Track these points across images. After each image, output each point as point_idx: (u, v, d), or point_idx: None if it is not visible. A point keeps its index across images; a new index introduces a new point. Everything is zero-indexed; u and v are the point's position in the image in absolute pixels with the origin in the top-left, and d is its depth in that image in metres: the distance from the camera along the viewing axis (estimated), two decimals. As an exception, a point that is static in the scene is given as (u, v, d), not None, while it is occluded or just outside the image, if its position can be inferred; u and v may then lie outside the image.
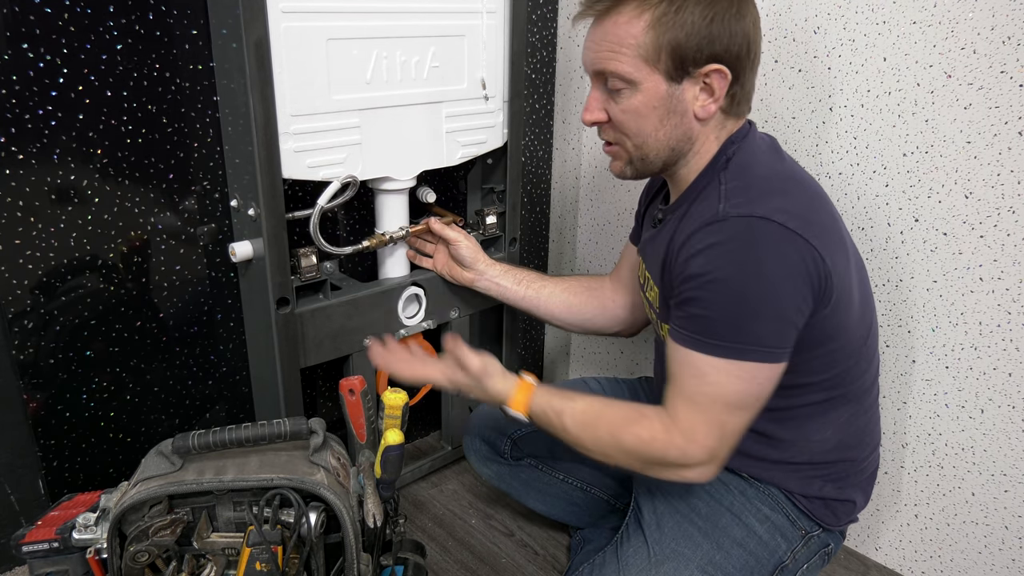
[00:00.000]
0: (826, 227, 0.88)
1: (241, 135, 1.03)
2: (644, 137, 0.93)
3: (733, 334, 0.84)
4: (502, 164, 1.35)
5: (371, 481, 0.98)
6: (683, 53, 0.86)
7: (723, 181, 0.89)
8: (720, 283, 0.83)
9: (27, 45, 0.96)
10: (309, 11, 1.01)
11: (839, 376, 0.96)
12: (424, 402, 1.48)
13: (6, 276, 1.02)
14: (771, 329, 0.84)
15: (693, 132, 0.92)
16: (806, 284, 0.83)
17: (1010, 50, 0.98)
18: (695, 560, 0.96)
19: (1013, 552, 1.15)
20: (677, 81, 0.89)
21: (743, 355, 0.84)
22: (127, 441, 1.21)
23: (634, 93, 0.90)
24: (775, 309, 0.83)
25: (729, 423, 0.88)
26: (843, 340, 0.92)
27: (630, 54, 0.88)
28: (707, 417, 0.87)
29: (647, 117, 0.91)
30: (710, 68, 0.87)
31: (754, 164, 0.91)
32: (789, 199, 0.85)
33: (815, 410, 0.97)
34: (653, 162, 0.96)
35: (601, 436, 0.94)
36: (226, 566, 0.95)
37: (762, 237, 0.82)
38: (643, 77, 0.89)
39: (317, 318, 1.16)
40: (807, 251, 0.82)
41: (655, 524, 1.02)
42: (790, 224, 0.82)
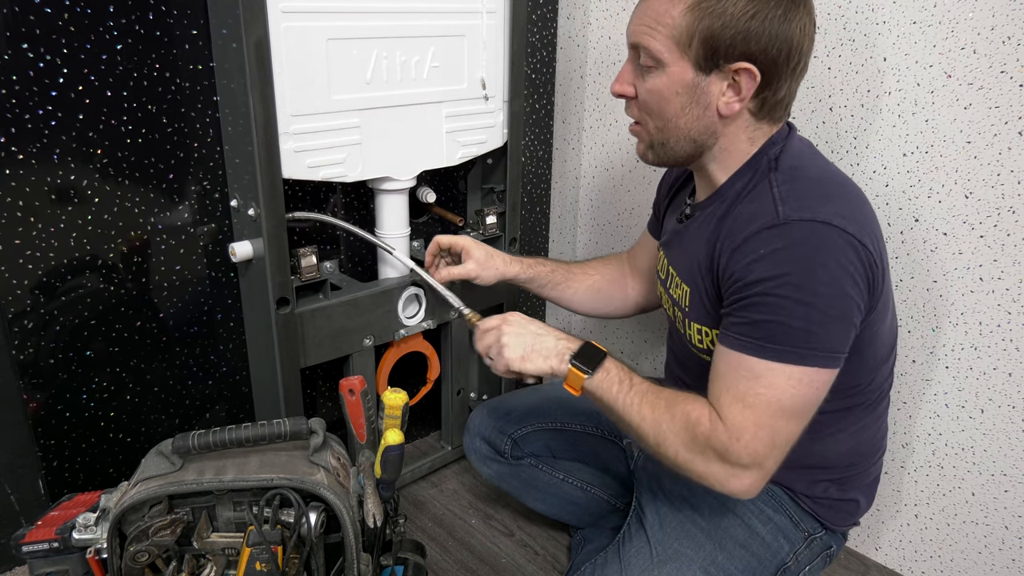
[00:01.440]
0: (876, 232, 0.87)
1: (241, 135, 1.03)
2: (664, 121, 0.91)
3: (803, 340, 0.81)
4: (502, 164, 1.35)
5: (371, 481, 0.98)
6: (716, 44, 0.84)
7: (775, 183, 0.87)
8: (790, 288, 0.80)
9: (27, 45, 0.96)
10: (309, 11, 1.01)
11: (862, 385, 0.95)
12: (424, 402, 1.48)
13: (6, 276, 1.02)
14: (838, 332, 0.82)
15: (716, 127, 0.91)
16: (866, 288, 0.83)
17: (1010, 50, 0.98)
18: (697, 560, 0.96)
19: (1013, 552, 1.15)
20: (705, 72, 0.87)
21: (808, 360, 0.82)
22: (127, 441, 1.21)
23: (660, 74, 0.88)
24: (842, 312, 0.82)
25: (781, 430, 0.84)
26: (875, 347, 0.92)
27: (664, 33, 0.86)
28: (758, 419, 0.83)
29: (669, 101, 0.90)
30: (740, 66, 0.85)
31: (804, 167, 0.89)
32: (844, 204, 0.84)
33: (835, 416, 0.96)
34: (674, 150, 0.94)
35: (659, 404, 0.89)
36: (226, 566, 0.95)
37: (827, 241, 0.81)
38: (672, 59, 0.87)
39: (317, 318, 1.16)
40: (865, 255, 0.82)
41: (658, 524, 1.02)
42: (850, 229, 0.81)
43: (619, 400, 0.91)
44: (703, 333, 0.96)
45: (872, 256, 0.82)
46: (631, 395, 0.91)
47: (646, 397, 0.90)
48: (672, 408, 0.88)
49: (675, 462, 0.88)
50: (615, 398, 0.92)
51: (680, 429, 0.87)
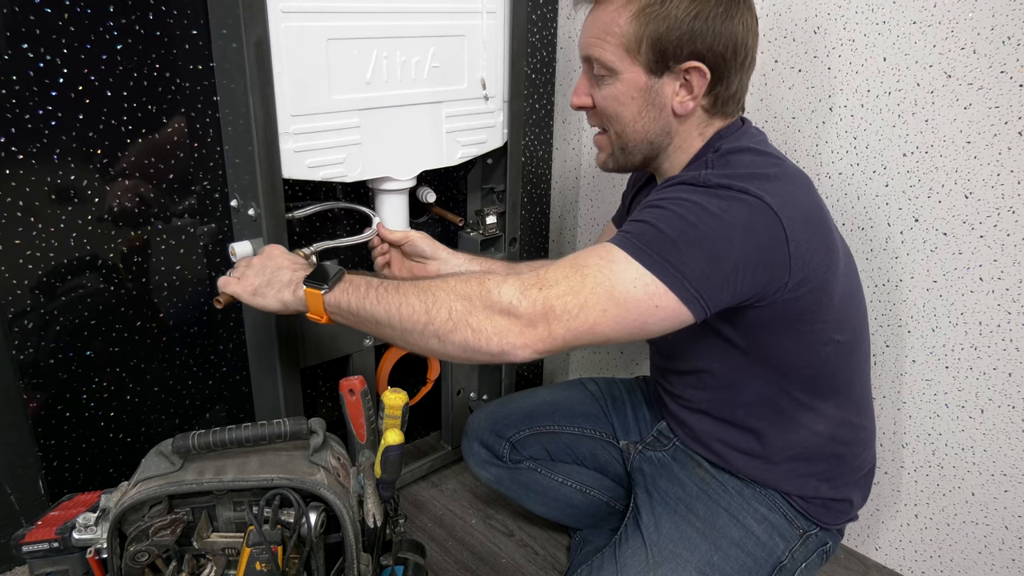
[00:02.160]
0: (807, 215, 0.86)
1: (241, 135, 1.03)
2: (623, 126, 0.95)
3: (667, 249, 0.78)
4: (502, 164, 1.35)
5: (371, 481, 0.98)
6: (664, 47, 0.87)
7: (709, 164, 0.89)
8: (680, 205, 0.80)
9: (27, 45, 0.96)
10: (309, 11, 1.01)
11: (817, 365, 0.95)
12: (424, 402, 1.48)
13: (6, 276, 1.02)
14: (701, 268, 0.78)
15: (671, 127, 0.94)
16: (756, 256, 0.81)
17: (1010, 50, 0.98)
18: (693, 561, 0.96)
19: (1013, 552, 1.15)
20: (657, 74, 0.90)
21: (662, 271, 0.78)
22: (127, 441, 1.21)
23: (615, 82, 0.92)
24: (716, 253, 0.79)
25: (594, 311, 0.77)
26: (816, 325, 0.91)
27: (613, 42, 0.90)
28: (580, 285, 0.77)
29: (626, 106, 0.93)
30: (689, 65, 0.88)
31: (743, 151, 0.90)
32: (772, 182, 0.84)
33: (799, 401, 0.97)
34: (632, 154, 0.97)
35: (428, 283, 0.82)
36: (226, 566, 0.95)
37: (737, 201, 0.80)
38: (624, 67, 0.90)
39: (317, 318, 1.16)
40: (775, 230, 0.81)
41: (653, 526, 1.02)
42: (768, 200, 0.81)
43: (369, 298, 0.84)
44: None
45: (785, 233, 0.81)
46: (384, 287, 0.84)
47: (408, 283, 0.83)
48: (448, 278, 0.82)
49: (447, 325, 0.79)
50: (364, 298, 0.84)
51: (460, 284, 0.80)
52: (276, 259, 0.97)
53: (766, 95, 1.25)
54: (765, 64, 1.24)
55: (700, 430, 1.06)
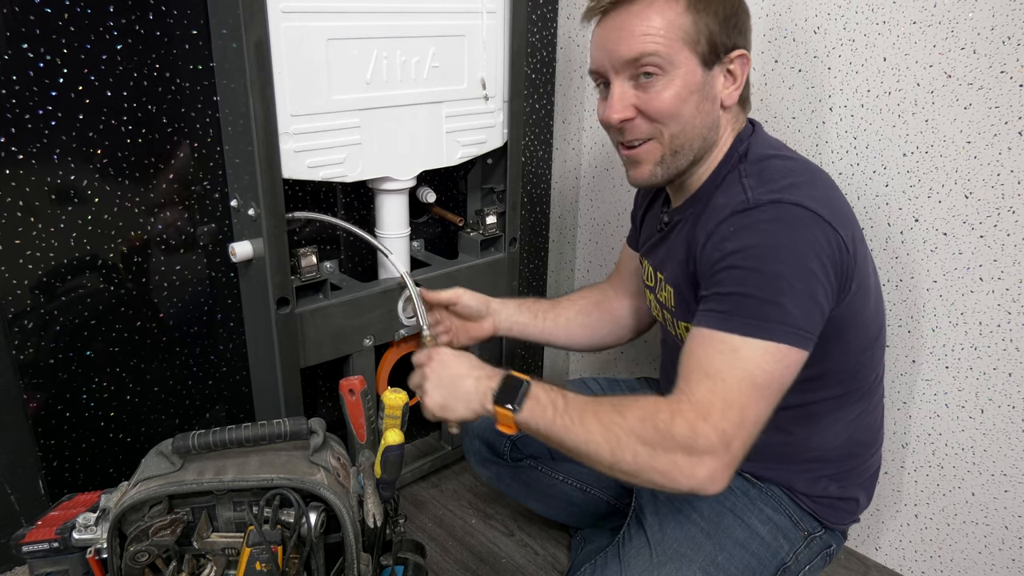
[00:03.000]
0: (848, 216, 0.88)
1: (241, 135, 1.03)
2: (683, 124, 0.90)
3: (768, 311, 0.79)
4: (502, 164, 1.35)
5: (371, 481, 0.98)
6: (716, 38, 0.88)
7: (744, 174, 0.88)
8: (755, 258, 0.81)
9: (27, 45, 0.96)
10: (309, 11, 1.01)
11: (853, 370, 0.96)
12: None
13: (6, 276, 1.02)
14: (803, 309, 0.80)
15: (720, 121, 0.93)
16: (833, 269, 0.83)
17: (1010, 50, 0.98)
18: (697, 561, 0.96)
19: (1013, 552, 1.15)
20: (709, 67, 0.89)
21: (773, 334, 0.79)
22: (127, 441, 1.21)
23: (671, 79, 0.88)
24: (806, 289, 0.80)
25: (750, 409, 0.79)
26: (859, 331, 0.92)
27: (672, 36, 0.86)
28: (727, 395, 0.78)
29: (686, 102, 0.89)
30: (736, 54, 0.90)
31: (771, 156, 0.91)
32: (813, 188, 0.86)
33: (830, 406, 0.97)
34: (686, 155, 0.92)
35: (603, 410, 0.83)
36: (226, 566, 0.95)
37: (795, 220, 0.82)
38: (683, 60, 0.87)
39: (317, 318, 1.16)
40: (834, 237, 0.82)
41: (657, 525, 1.02)
42: (820, 211, 0.82)
43: (557, 423, 0.85)
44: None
45: (842, 239, 0.83)
46: (569, 414, 0.85)
47: (587, 408, 0.84)
48: (622, 408, 0.82)
49: (634, 466, 0.81)
50: (552, 423, 0.85)
51: (636, 425, 0.80)
52: (451, 366, 0.95)
53: (766, 95, 1.25)
54: (765, 64, 1.24)
55: None
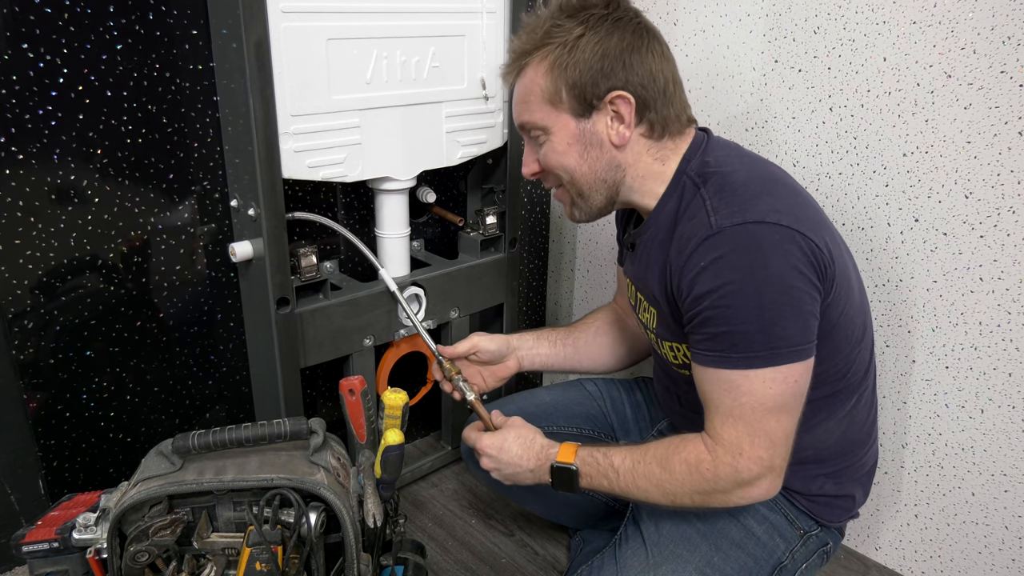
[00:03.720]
0: (817, 219, 0.89)
1: (241, 135, 1.04)
2: (571, 173, 0.95)
3: (761, 342, 0.83)
4: (502, 164, 1.35)
5: (371, 481, 0.98)
6: (581, 89, 0.90)
7: (706, 197, 0.88)
8: (734, 295, 0.82)
9: (27, 45, 0.96)
10: (309, 11, 1.01)
11: (843, 369, 0.96)
12: (424, 402, 1.48)
13: (6, 276, 1.02)
14: (796, 327, 0.83)
15: (618, 160, 0.94)
16: (813, 274, 0.84)
17: (1010, 50, 0.98)
18: (693, 562, 0.96)
19: (1013, 552, 1.15)
20: (586, 116, 0.92)
21: (775, 360, 0.83)
22: (127, 441, 1.21)
23: (550, 136, 0.94)
24: (794, 306, 0.83)
25: (775, 429, 0.86)
26: (845, 329, 0.93)
27: (536, 101, 0.93)
28: (750, 428, 0.86)
29: (566, 155, 0.94)
30: (612, 96, 0.90)
31: (729, 172, 0.90)
32: (775, 199, 0.86)
33: (820, 405, 0.97)
34: (591, 197, 0.97)
35: (654, 472, 0.92)
36: (226, 566, 0.95)
37: (762, 239, 0.82)
38: (552, 120, 0.93)
39: (317, 318, 1.16)
40: (806, 243, 0.83)
41: (653, 526, 1.02)
42: (784, 221, 0.82)
43: (616, 490, 0.96)
44: (675, 349, 0.98)
45: (814, 243, 0.83)
46: (622, 483, 0.95)
47: (637, 471, 0.94)
48: (666, 465, 0.92)
49: (697, 507, 0.92)
50: (611, 490, 0.97)
51: (685, 479, 0.90)
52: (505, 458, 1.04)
53: (766, 95, 1.25)
54: (765, 64, 1.24)
55: None
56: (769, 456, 0.87)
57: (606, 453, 0.97)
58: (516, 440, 1.04)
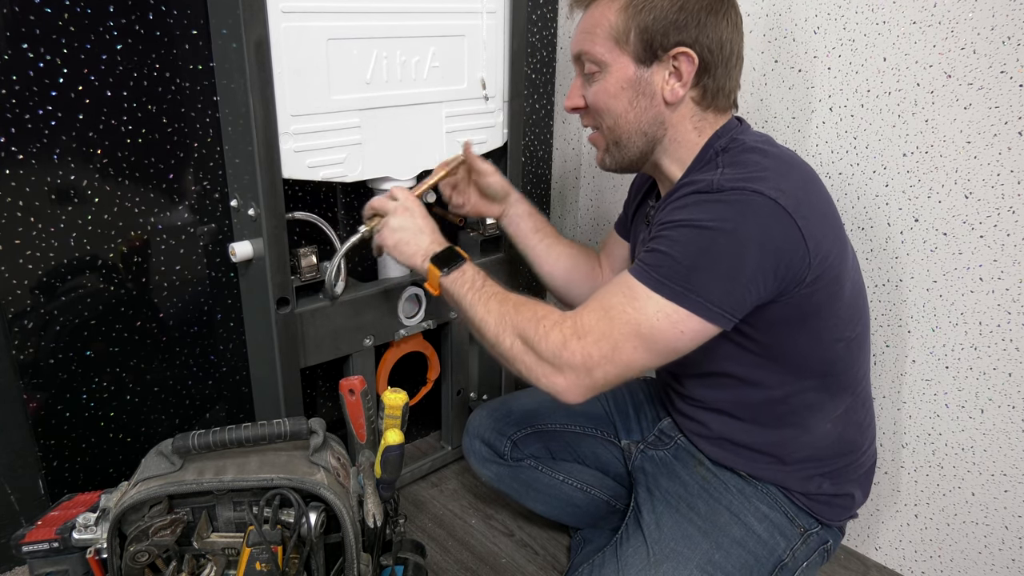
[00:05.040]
0: (822, 211, 0.89)
1: (241, 135, 1.04)
2: (615, 118, 0.96)
3: (682, 277, 0.83)
4: (502, 164, 1.35)
5: (371, 481, 0.98)
6: (651, 35, 0.90)
7: (721, 164, 0.90)
8: (691, 228, 0.83)
9: (27, 45, 0.96)
10: (309, 11, 1.01)
11: (828, 361, 0.96)
12: (424, 402, 1.48)
13: (6, 276, 1.02)
14: (720, 286, 0.83)
15: (664, 117, 0.94)
16: (775, 260, 0.83)
17: (1010, 50, 0.98)
18: (694, 560, 0.96)
19: (1013, 552, 1.15)
20: (646, 64, 0.92)
21: (679, 299, 0.83)
22: (127, 441, 1.21)
23: (605, 75, 0.94)
24: (733, 269, 0.82)
25: (626, 351, 0.85)
26: (829, 322, 0.92)
27: (602, 35, 0.92)
28: (609, 329, 0.85)
29: (617, 98, 0.94)
30: (677, 51, 0.90)
31: (753, 149, 0.91)
32: (786, 180, 0.86)
33: (811, 400, 0.97)
34: (627, 147, 0.97)
35: (505, 302, 0.95)
36: (226, 566, 0.95)
37: (750, 205, 0.82)
38: (612, 58, 0.93)
39: (317, 318, 1.16)
40: (791, 230, 0.83)
41: (654, 524, 1.02)
42: (782, 201, 0.82)
43: (467, 297, 0.98)
44: None
45: (801, 232, 0.83)
46: (481, 293, 0.97)
47: (496, 296, 0.96)
48: (520, 305, 0.94)
49: (509, 353, 0.92)
50: (464, 295, 0.98)
51: (523, 322, 0.91)
52: (418, 220, 1.08)
53: (766, 95, 1.25)
54: (765, 64, 1.24)
55: (714, 428, 1.05)
56: (597, 362, 0.85)
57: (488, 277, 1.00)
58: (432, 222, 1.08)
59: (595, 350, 0.85)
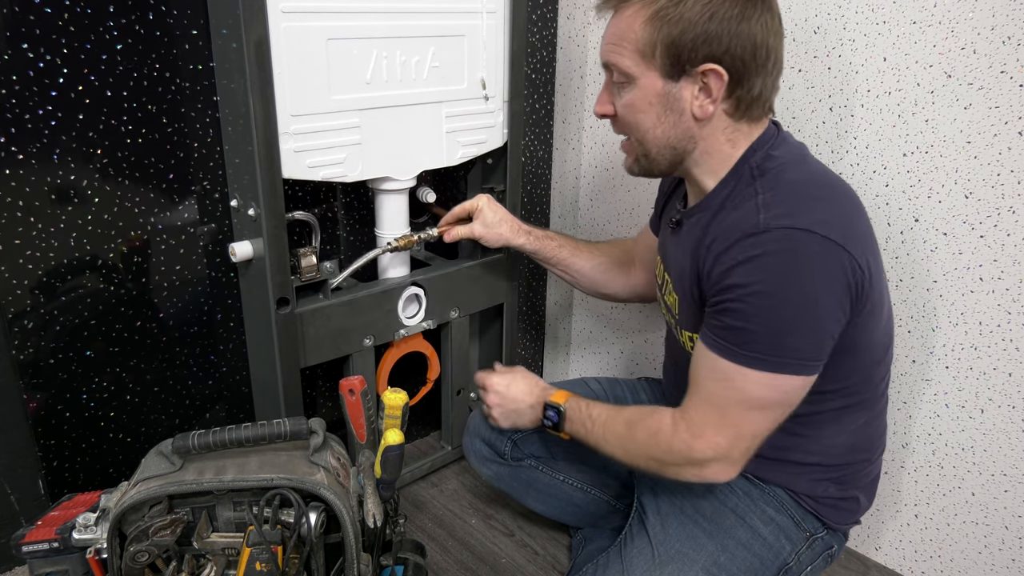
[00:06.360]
0: (865, 234, 0.87)
1: (241, 135, 1.03)
2: (643, 133, 0.93)
3: (771, 348, 0.83)
4: (502, 164, 1.35)
5: (371, 481, 0.98)
6: (678, 50, 0.86)
7: (760, 191, 0.87)
8: (761, 296, 0.82)
9: (27, 45, 0.96)
10: (309, 11, 1.01)
11: (859, 383, 0.96)
12: (424, 402, 1.48)
13: (6, 276, 1.02)
14: (809, 342, 0.84)
15: (694, 132, 0.91)
16: (846, 295, 0.83)
17: (1010, 50, 0.98)
18: (699, 561, 0.96)
19: (1013, 552, 1.15)
20: (674, 79, 0.88)
21: (777, 367, 0.84)
22: (127, 441, 1.21)
23: (633, 88, 0.91)
24: (814, 323, 0.83)
25: (745, 424, 0.88)
26: (869, 348, 0.92)
27: (629, 48, 0.89)
28: (721, 417, 0.88)
29: (645, 113, 0.92)
30: (706, 67, 0.86)
31: (789, 171, 0.89)
32: (829, 208, 0.84)
33: (833, 416, 0.97)
34: (656, 160, 0.95)
35: (620, 431, 0.98)
36: (226, 566, 0.95)
37: (804, 249, 0.81)
38: (640, 72, 0.89)
39: (317, 318, 1.16)
40: (848, 261, 0.82)
41: (659, 525, 1.02)
42: (832, 235, 0.81)
43: (590, 438, 1.03)
44: (695, 340, 0.96)
45: (857, 262, 0.82)
46: (595, 433, 1.02)
47: (607, 426, 1.01)
48: (631, 427, 0.98)
49: (652, 471, 0.97)
50: (587, 438, 1.04)
51: (644, 443, 0.96)
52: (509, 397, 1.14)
53: (766, 95, 1.25)
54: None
55: None
56: (728, 446, 0.89)
57: (589, 404, 1.04)
58: (523, 380, 1.14)
59: (720, 439, 0.89)
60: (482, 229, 1.23)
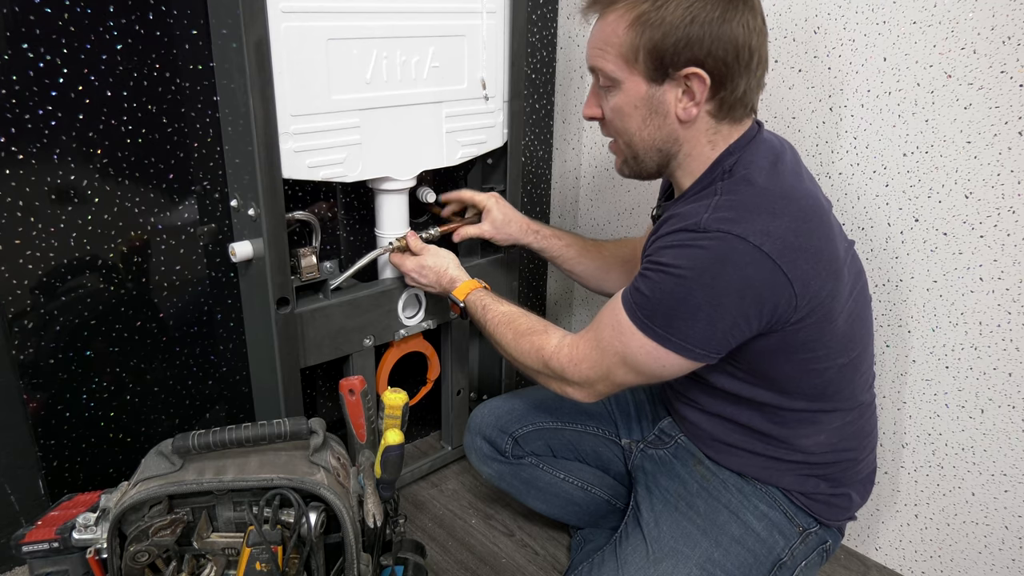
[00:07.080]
0: (814, 248, 0.86)
1: (241, 135, 1.03)
2: (630, 136, 0.95)
3: (663, 323, 0.88)
4: (502, 164, 1.35)
5: (371, 481, 0.98)
6: (660, 54, 0.87)
7: (719, 192, 0.89)
8: (675, 278, 0.86)
9: (27, 45, 0.96)
10: (309, 11, 1.01)
11: (820, 388, 0.96)
12: (424, 402, 1.48)
13: (6, 276, 1.02)
14: (697, 332, 0.87)
15: (678, 134, 0.93)
16: (756, 307, 0.85)
17: (1010, 50, 0.98)
18: (693, 558, 0.97)
19: (1013, 552, 1.15)
20: (658, 82, 0.90)
21: (662, 341, 0.89)
22: (127, 441, 1.21)
23: (618, 92, 0.93)
24: (708, 319, 0.86)
25: (617, 375, 0.95)
26: (819, 352, 0.92)
27: (613, 53, 0.90)
28: (600, 358, 0.95)
29: (630, 116, 0.93)
30: (688, 71, 0.87)
31: (755, 178, 0.89)
32: (776, 220, 0.84)
33: (803, 416, 0.98)
34: (644, 162, 0.98)
35: (508, 337, 1.07)
36: (226, 566, 0.95)
37: (732, 255, 0.83)
38: (624, 76, 0.91)
39: (317, 318, 1.16)
40: (775, 276, 0.83)
41: (653, 522, 1.02)
42: (766, 247, 0.82)
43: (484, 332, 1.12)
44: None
45: (786, 276, 0.83)
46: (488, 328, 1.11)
47: (498, 330, 1.09)
48: (518, 338, 1.06)
49: (528, 373, 1.07)
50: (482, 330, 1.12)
51: (524, 353, 1.05)
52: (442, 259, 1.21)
53: (766, 95, 1.25)
54: (765, 64, 1.24)
55: (707, 429, 1.06)
56: (595, 380, 0.97)
57: (486, 307, 1.12)
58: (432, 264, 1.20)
59: (592, 374, 0.97)
60: (492, 229, 1.26)
